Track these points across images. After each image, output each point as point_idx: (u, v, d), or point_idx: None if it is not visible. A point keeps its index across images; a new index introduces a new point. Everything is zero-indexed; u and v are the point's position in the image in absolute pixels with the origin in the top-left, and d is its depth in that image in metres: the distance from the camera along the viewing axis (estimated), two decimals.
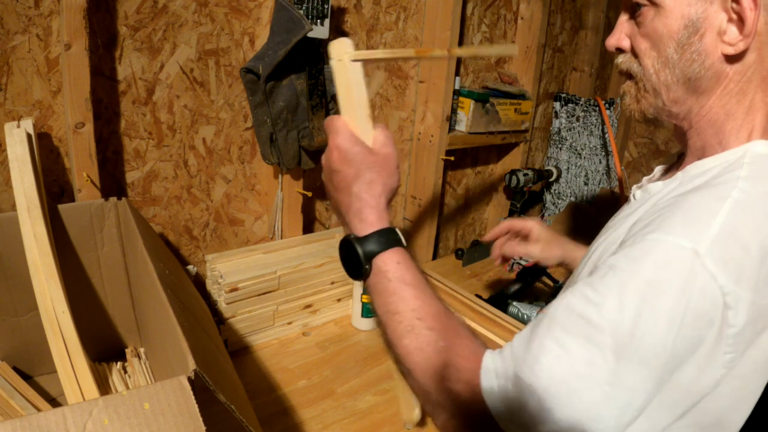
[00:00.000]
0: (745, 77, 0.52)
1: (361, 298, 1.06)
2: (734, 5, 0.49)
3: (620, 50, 0.58)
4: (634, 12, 0.56)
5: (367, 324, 1.07)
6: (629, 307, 0.43)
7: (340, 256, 0.55)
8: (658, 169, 0.66)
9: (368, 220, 0.52)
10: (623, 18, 0.58)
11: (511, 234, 1.00)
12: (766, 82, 0.52)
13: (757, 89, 0.52)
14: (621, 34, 0.58)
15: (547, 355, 0.43)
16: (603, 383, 0.42)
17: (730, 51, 0.50)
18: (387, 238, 0.52)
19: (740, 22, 0.49)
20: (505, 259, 1.00)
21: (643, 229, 0.47)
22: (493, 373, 0.46)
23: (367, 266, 0.52)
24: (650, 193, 0.58)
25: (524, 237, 0.98)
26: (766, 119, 0.53)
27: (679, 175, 0.56)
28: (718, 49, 0.51)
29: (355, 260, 0.52)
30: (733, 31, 0.50)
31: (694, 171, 0.54)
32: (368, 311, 1.07)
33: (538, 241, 0.95)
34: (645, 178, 0.65)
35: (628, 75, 0.58)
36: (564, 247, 0.93)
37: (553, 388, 0.42)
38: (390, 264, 0.51)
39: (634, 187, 0.63)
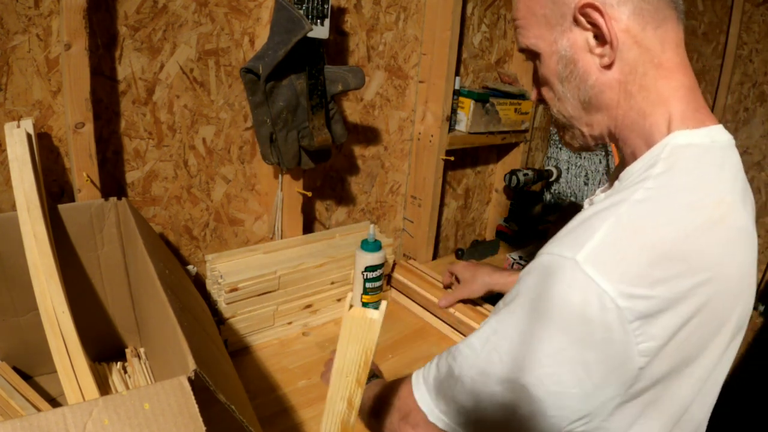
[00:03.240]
0: (639, 73, 0.53)
1: (361, 298, 1.06)
2: (588, 21, 0.53)
3: (540, 101, 0.65)
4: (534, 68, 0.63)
5: None
6: (516, 334, 0.50)
7: None
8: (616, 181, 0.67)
9: None
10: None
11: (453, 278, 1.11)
12: (661, 68, 0.53)
13: (657, 78, 0.53)
14: (534, 88, 0.65)
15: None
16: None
17: (606, 60, 0.54)
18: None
19: (600, 31, 0.53)
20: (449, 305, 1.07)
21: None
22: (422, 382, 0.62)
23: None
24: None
25: (457, 279, 1.09)
26: (683, 103, 0.53)
27: (616, 185, 0.57)
28: (595, 64, 0.55)
29: None
30: (598, 42, 0.54)
31: (624, 177, 0.55)
32: None
33: (463, 282, 1.06)
34: (598, 189, 0.67)
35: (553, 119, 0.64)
36: (484, 281, 1.02)
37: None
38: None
39: (586, 201, 0.65)
